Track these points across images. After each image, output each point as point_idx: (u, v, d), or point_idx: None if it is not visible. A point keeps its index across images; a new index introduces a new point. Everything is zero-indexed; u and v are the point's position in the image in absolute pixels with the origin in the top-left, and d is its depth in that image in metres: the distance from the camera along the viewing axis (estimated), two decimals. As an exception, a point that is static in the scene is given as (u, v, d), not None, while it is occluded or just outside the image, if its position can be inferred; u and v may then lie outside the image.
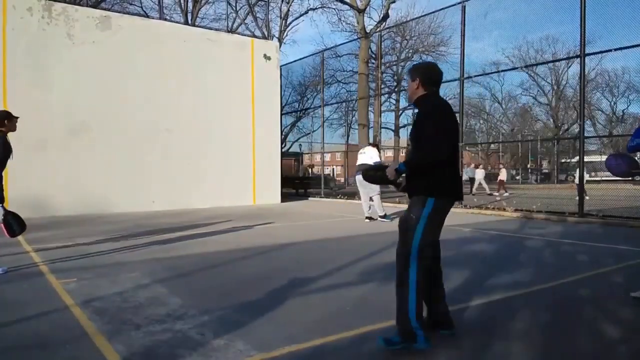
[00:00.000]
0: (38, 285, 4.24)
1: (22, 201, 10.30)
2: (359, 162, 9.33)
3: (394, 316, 2.65)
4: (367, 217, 9.38)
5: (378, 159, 9.19)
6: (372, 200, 9.44)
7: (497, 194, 18.80)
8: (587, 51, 9.56)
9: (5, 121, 4.64)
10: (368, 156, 9.14)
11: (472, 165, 22.32)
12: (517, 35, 33.11)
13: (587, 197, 15.09)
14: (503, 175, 21.10)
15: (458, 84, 12.31)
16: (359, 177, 8.70)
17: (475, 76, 19.91)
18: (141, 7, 23.11)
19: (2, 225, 4.72)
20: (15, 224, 4.73)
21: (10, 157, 4.74)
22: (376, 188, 9.08)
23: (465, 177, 18.69)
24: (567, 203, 13.21)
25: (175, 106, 12.53)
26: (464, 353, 2.68)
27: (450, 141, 2.70)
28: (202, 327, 3.06)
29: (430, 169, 2.70)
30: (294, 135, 27.13)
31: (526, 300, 3.73)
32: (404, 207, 11.46)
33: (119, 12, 14.80)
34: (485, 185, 20.11)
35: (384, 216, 9.27)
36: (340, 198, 16.23)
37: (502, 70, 33.37)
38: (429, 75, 2.90)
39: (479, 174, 20.36)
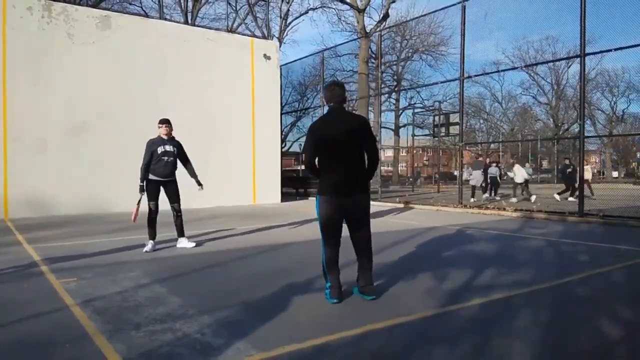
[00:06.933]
0: (38, 285, 4.24)
1: (22, 201, 10.33)
2: None
3: (394, 316, 2.66)
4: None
5: None
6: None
7: (592, 196, 15.44)
8: (587, 51, 9.56)
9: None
10: None
11: (494, 164, 17.13)
12: (518, 35, 33.01)
13: (594, 198, 14.72)
14: (588, 174, 16.84)
15: (458, 84, 12.32)
16: None
17: (475, 76, 19.87)
18: (141, 7, 23.13)
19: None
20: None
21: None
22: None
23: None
24: (567, 203, 13.23)
25: (175, 106, 12.51)
26: (464, 352, 2.68)
27: (308, 155, 3.66)
28: (202, 326, 3.06)
29: (317, 175, 3.70)
30: (294, 135, 27.07)
31: (527, 300, 3.73)
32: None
33: (119, 12, 14.76)
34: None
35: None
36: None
37: (502, 70, 33.26)
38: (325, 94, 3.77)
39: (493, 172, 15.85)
